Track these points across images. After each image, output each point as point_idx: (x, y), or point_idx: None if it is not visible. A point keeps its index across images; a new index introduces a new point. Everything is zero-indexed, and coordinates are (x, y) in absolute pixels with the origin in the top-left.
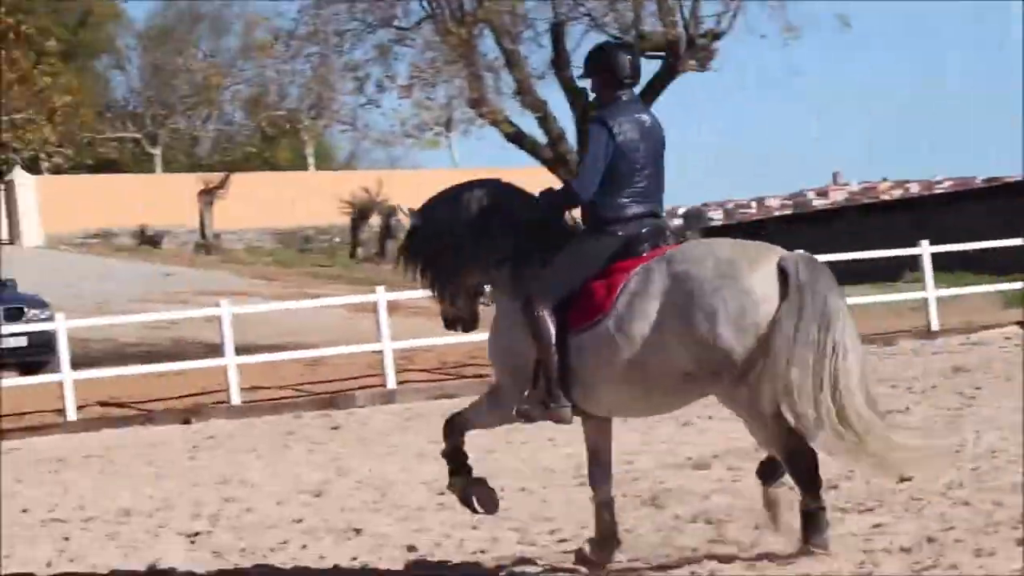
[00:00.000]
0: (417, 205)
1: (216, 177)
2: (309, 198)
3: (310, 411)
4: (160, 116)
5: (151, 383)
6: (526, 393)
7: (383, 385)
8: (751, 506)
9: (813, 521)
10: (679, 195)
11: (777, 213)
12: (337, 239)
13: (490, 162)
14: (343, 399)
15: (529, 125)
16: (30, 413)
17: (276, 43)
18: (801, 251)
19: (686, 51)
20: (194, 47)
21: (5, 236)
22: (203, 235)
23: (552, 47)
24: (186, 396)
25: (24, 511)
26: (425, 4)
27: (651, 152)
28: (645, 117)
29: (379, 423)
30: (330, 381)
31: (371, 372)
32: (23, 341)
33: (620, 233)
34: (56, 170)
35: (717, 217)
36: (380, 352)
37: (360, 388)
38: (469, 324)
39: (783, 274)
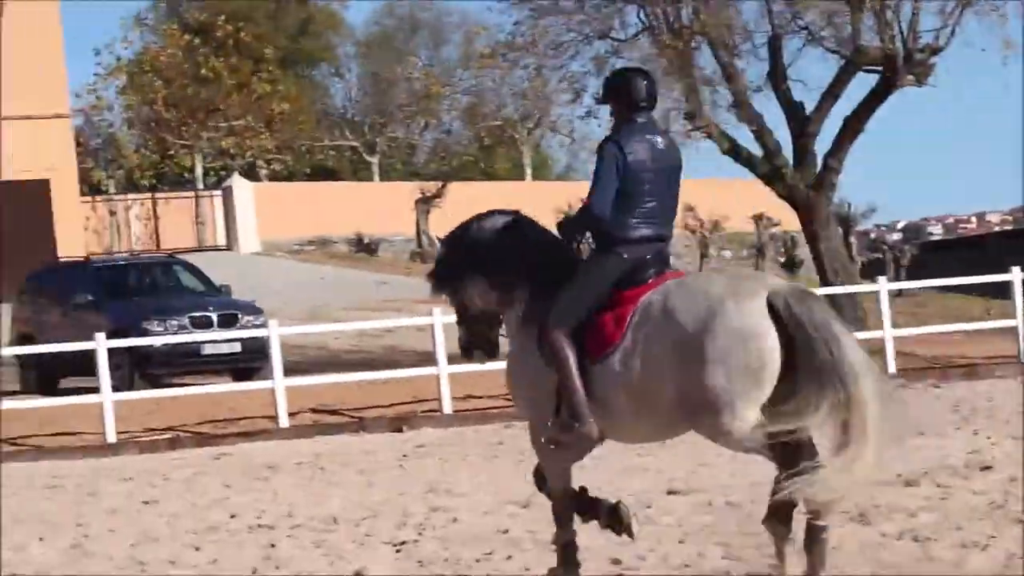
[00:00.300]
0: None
1: (433, 186)
2: (525, 208)
3: (520, 421)
4: (378, 124)
5: (364, 391)
6: (550, 421)
7: None
8: (958, 524)
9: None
10: (898, 210)
11: (997, 228)
12: None
13: (705, 174)
14: None
15: (745, 138)
16: (243, 419)
17: (494, 54)
18: (791, 284)
19: (903, 65)
20: (413, 56)
21: (222, 242)
22: (419, 243)
23: (769, 60)
24: (398, 404)
25: (232, 516)
26: (642, 16)
27: (662, 175)
28: (659, 140)
29: None
30: None
31: None
32: (237, 347)
33: (626, 256)
34: (274, 177)
35: (937, 232)
36: None
37: None
38: (489, 351)
39: (773, 309)
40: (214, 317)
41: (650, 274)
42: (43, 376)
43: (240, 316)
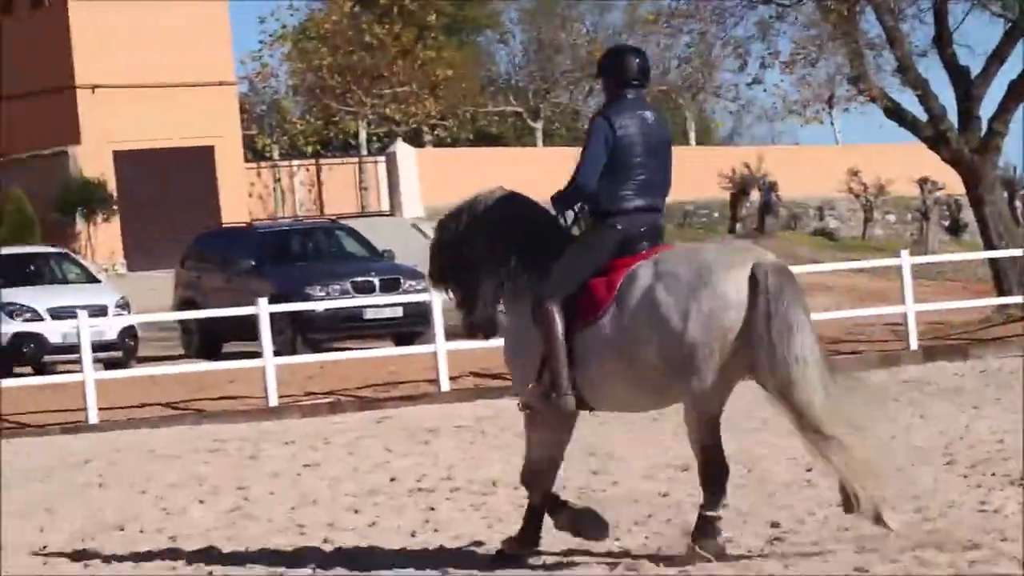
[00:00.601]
0: (791, 181)
1: None
2: (689, 173)
3: None
4: (542, 90)
5: None
6: (530, 386)
7: None
8: None
9: (705, 525)
10: None
11: None
12: (716, 214)
13: (870, 139)
14: None
15: (910, 103)
16: (404, 383)
17: (658, 20)
18: (775, 259)
19: None
20: (577, 22)
21: (385, 207)
22: None
23: (935, 25)
24: None
25: (392, 480)
26: None
27: (652, 148)
28: (648, 114)
29: (751, 397)
30: None
31: None
32: (399, 312)
33: (619, 227)
34: (437, 143)
35: None
36: None
37: None
38: (490, 331)
39: (754, 281)
40: (376, 282)
41: (644, 245)
42: (206, 341)
43: (402, 281)
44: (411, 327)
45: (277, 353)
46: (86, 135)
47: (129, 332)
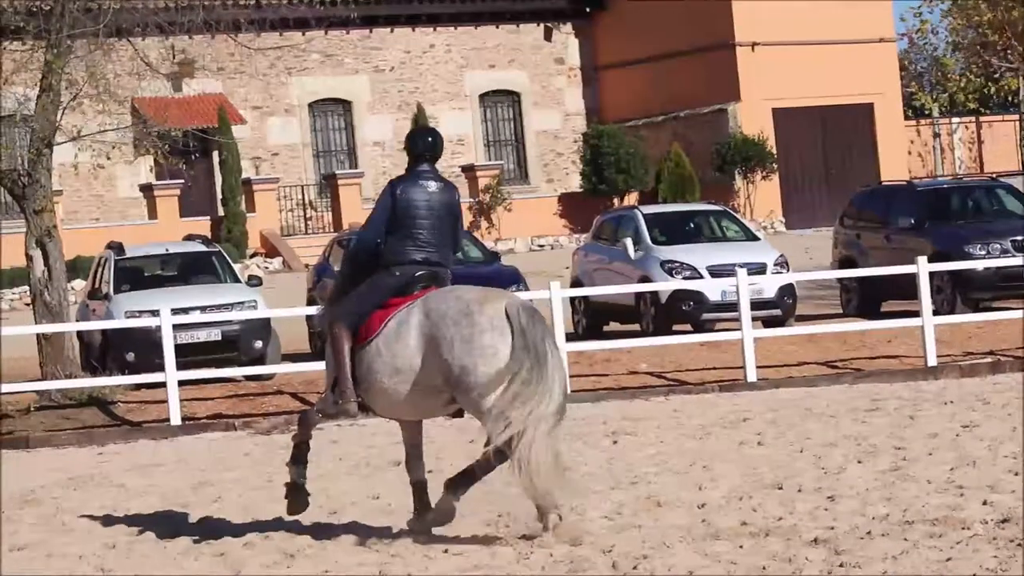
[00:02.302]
0: None
1: None
2: None
3: None
4: None
5: None
6: (324, 395)
7: None
8: None
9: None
10: None
11: None
12: None
13: None
14: None
15: None
16: None
17: None
18: (523, 299)
19: None
20: None
21: None
22: None
23: None
24: None
25: None
26: None
27: (433, 212)
28: (433, 185)
29: None
30: None
31: None
32: None
33: (398, 273)
34: None
35: None
36: None
37: None
38: None
39: (508, 315)
40: None
41: (418, 287)
42: (864, 299)
43: None
44: None
45: (936, 312)
46: (746, 93)
47: (788, 290)
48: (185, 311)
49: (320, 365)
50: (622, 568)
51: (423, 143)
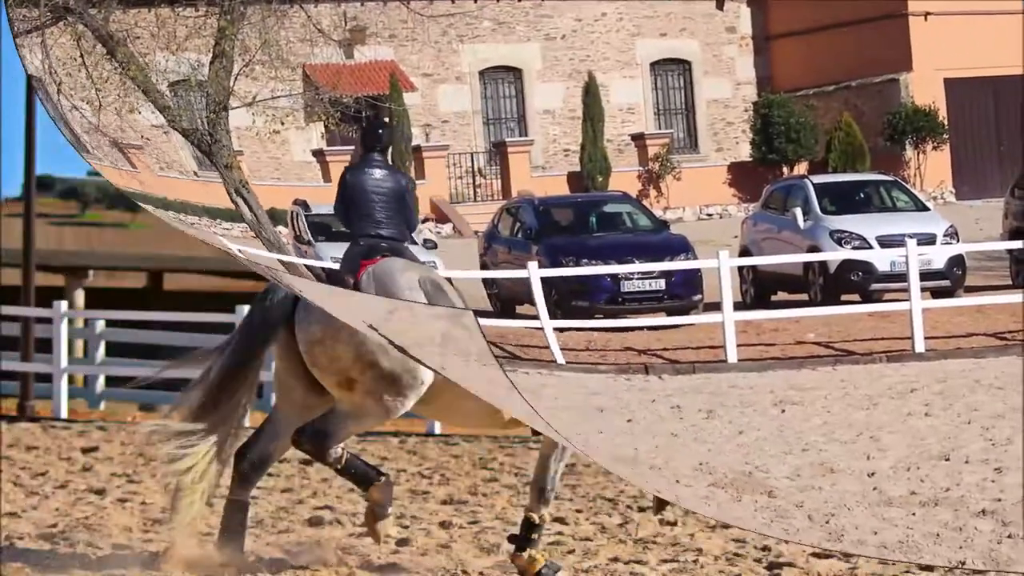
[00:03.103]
0: None
1: None
2: None
3: None
4: None
5: None
6: None
7: None
8: None
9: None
10: None
11: None
12: None
13: None
14: None
15: None
16: None
17: None
18: (434, 273)
19: None
20: None
21: None
22: None
23: None
24: None
25: None
26: None
27: (381, 195)
28: (378, 172)
29: None
30: None
31: None
32: None
33: (362, 243)
34: None
35: None
36: None
37: None
38: None
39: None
40: None
41: (377, 255)
42: None
43: None
44: None
45: None
46: (918, 62)
47: (957, 261)
48: None
49: (502, 323)
50: (817, 521)
51: (371, 135)
